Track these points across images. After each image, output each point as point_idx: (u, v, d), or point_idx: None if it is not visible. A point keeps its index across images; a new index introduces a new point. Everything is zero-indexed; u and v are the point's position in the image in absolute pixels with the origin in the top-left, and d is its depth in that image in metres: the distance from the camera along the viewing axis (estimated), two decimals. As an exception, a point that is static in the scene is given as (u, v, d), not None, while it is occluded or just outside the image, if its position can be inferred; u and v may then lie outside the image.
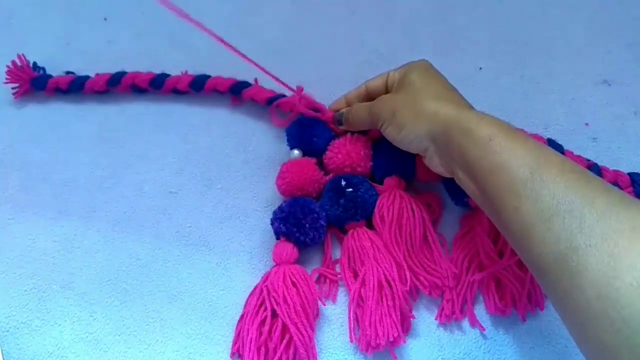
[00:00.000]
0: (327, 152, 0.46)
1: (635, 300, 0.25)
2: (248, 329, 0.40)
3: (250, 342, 0.39)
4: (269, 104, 0.49)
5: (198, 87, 0.50)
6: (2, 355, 0.41)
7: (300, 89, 0.47)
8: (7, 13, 0.59)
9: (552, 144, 0.46)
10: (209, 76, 0.51)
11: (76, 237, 0.46)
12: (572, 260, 0.27)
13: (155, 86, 0.51)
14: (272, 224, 0.43)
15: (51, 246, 0.46)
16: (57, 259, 0.45)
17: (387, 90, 0.44)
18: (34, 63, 0.54)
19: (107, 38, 0.57)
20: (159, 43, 0.57)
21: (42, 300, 0.43)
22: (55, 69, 0.54)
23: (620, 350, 0.25)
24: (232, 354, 0.41)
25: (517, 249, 0.33)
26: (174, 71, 0.52)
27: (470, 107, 0.38)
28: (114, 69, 0.53)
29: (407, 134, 0.39)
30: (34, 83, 0.52)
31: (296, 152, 0.47)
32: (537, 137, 0.47)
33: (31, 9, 0.60)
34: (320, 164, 0.46)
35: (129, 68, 0.53)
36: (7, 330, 0.42)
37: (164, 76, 0.51)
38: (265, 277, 0.42)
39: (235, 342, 0.41)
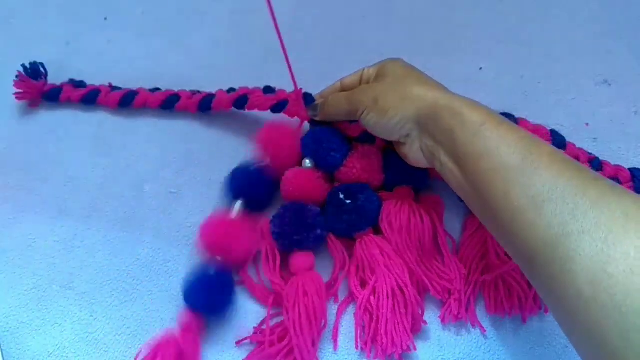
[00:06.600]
0: (341, 168, 0.45)
1: (627, 287, 0.25)
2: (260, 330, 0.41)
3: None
4: (272, 111, 0.48)
5: (205, 108, 0.50)
6: (2, 355, 0.41)
7: (298, 92, 0.46)
8: (7, 13, 0.59)
9: (555, 135, 0.46)
10: (213, 95, 0.50)
11: (76, 237, 0.46)
12: (564, 245, 0.28)
13: (166, 108, 0.51)
14: (275, 241, 0.43)
15: (51, 246, 0.46)
16: (57, 259, 0.45)
17: (361, 85, 0.44)
18: (33, 67, 0.52)
19: (107, 38, 0.57)
20: (159, 43, 0.57)
21: (42, 300, 0.43)
22: (56, 69, 0.54)
23: (610, 334, 0.25)
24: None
25: (501, 235, 0.33)
26: (173, 71, 0.52)
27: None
28: (114, 69, 0.53)
29: (391, 117, 0.38)
30: (46, 97, 0.53)
31: (308, 162, 0.45)
32: (539, 128, 0.47)
33: (31, 9, 0.60)
34: (331, 176, 0.46)
35: (129, 68, 0.53)
36: (7, 330, 0.42)
37: (174, 99, 0.51)
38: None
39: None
